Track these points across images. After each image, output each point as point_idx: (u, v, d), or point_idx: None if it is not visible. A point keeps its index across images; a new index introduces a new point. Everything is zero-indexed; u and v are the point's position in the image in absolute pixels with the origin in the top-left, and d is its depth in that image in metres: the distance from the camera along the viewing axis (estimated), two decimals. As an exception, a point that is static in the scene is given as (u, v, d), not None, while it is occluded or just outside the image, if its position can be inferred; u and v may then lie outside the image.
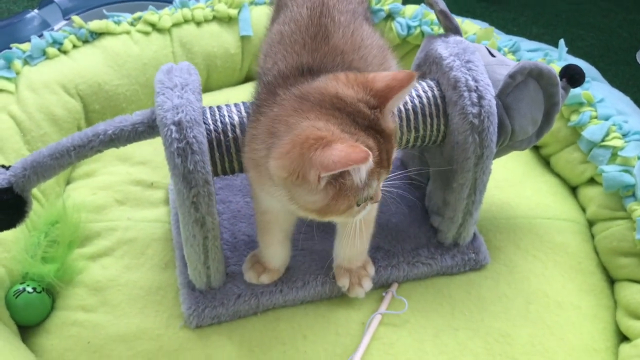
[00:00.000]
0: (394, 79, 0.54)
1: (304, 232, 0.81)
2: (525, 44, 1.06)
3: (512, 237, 0.85)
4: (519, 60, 1.01)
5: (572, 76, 0.78)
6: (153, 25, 1.05)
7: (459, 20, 1.09)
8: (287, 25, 0.65)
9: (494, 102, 0.68)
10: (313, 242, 0.80)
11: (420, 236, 0.82)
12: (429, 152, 0.80)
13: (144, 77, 1.02)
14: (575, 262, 0.83)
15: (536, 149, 1.01)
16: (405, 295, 0.77)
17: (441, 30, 0.80)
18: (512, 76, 0.69)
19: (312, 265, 0.78)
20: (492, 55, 0.75)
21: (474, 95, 0.68)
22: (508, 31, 1.46)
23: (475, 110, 0.67)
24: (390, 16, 1.10)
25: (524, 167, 0.97)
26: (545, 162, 0.99)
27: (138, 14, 1.06)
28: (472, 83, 0.68)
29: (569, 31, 1.48)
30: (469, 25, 1.08)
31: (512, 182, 0.93)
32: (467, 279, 0.80)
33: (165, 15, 1.06)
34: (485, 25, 1.12)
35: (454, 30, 0.76)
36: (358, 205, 0.55)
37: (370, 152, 0.49)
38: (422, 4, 1.14)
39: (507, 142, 0.73)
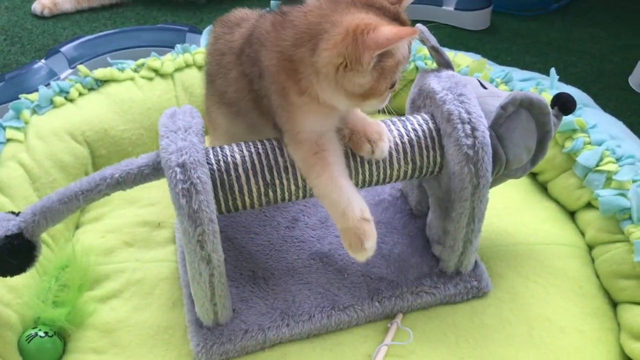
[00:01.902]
0: None
1: (308, 265, 0.83)
2: (517, 73, 1.09)
3: (513, 263, 0.87)
4: (511, 90, 1.03)
5: (564, 104, 0.81)
6: (156, 71, 1.09)
7: (451, 53, 1.13)
8: None
9: (487, 133, 0.70)
10: (318, 274, 0.82)
11: (423, 265, 0.84)
12: (428, 183, 0.82)
13: (149, 121, 1.05)
14: (576, 286, 0.85)
15: (533, 176, 1.03)
16: (410, 325, 0.78)
17: (434, 65, 0.83)
18: (503, 107, 0.72)
19: (317, 298, 0.79)
20: (484, 87, 0.78)
21: (468, 127, 0.70)
22: (501, 61, 1.49)
23: (469, 141, 0.70)
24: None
25: (522, 194, 0.99)
26: (543, 188, 1.01)
27: (141, 60, 1.09)
28: (465, 115, 0.70)
29: (561, 59, 1.51)
30: (461, 58, 1.11)
31: (511, 210, 0.95)
32: (470, 307, 0.81)
33: (168, 61, 1.10)
34: (478, 57, 1.15)
35: (446, 64, 0.78)
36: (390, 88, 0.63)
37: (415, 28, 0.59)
38: (416, 40, 1.17)
39: (503, 170, 0.75)
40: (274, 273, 0.82)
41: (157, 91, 1.07)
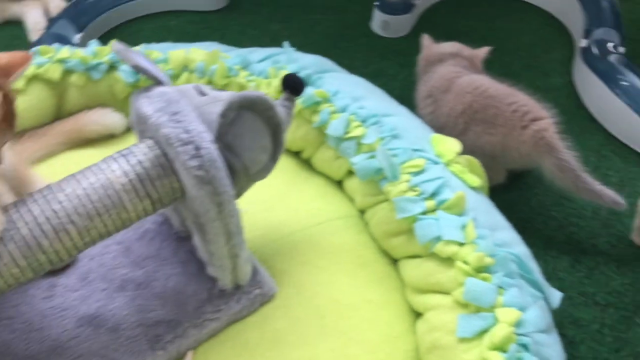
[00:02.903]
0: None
1: (77, 335, 0.74)
2: (255, 55, 1.06)
3: (294, 254, 0.85)
4: (251, 76, 1.00)
5: (292, 86, 0.78)
6: None
7: (182, 50, 1.06)
8: None
9: (213, 148, 0.65)
10: (89, 342, 0.73)
11: (201, 291, 0.79)
12: (177, 208, 0.76)
13: None
14: (355, 256, 0.85)
15: (296, 154, 1.01)
16: (204, 357, 0.74)
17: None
18: (223, 115, 0.67)
19: None
20: (203, 94, 0.73)
21: (190, 147, 0.65)
22: (248, 37, 1.46)
23: (196, 162, 0.64)
24: (112, 67, 1.04)
25: (289, 176, 0.97)
26: (309, 164, 1.01)
27: None
28: (184, 136, 0.65)
29: (306, 19, 1.51)
30: (195, 53, 1.05)
31: (280, 197, 0.93)
32: (260, 316, 0.78)
33: None
34: (213, 45, 1.10)
35: (156, 81, 0.72)
36: None
37: None
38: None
39: (244, 177, 0.71)
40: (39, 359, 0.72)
41: None
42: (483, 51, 1.13)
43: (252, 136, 0.70)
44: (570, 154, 0.95)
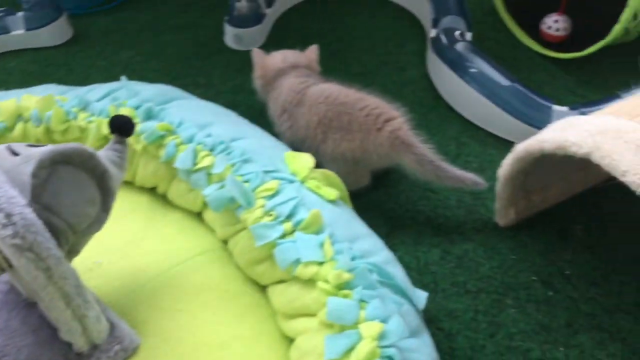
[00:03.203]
0: None
1: None
2: (94, 93, 1.00)
3: (155, 301, 0.81)
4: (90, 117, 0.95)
5: (120, 128, 0.74)
6: None
7: (13, 99, 0.99)
8: None
9: (27, 212, 0.60)
10: None
11: (57, 358, 0.73)
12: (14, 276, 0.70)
13: None
14: (222, 291, 0.82)
15: (152, 190, 0.97)
16: None
17: None
18: (34, 175, 0.62)
19: None
20: (16, 154, 0.67)
21: (1, 216, 0.59)
22: (96, 68, 1.39)
23: (9, 231, 0.59)
24: None
25: (144, 216, 0.93)
26: (165, 199, 0.96)
27: None
28: (-8, 204, 0.59)
29: (157, 42, 1.45)
30: (27, 100, 0.98)
31: (136, 242, 0.88)
32: (125, 374, 0.74)
33: None
34: (50, 88, 1.03)
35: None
36: None
37: None
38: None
39: (72, 235, 0.66)
40: None
41: None
42: (313, 51, 1.13)
43: (74, 191, 0.65)
44: (426, 147, 0.97)
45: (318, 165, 0.88)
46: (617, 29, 1.22)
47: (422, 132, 1.18)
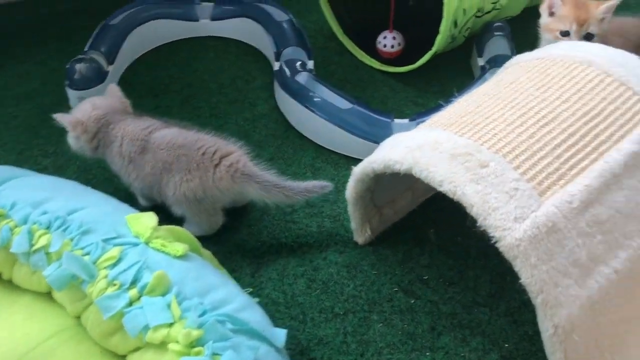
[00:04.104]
0: None
1: None
2: None
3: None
4: None
5: None
6: None
7: None
8: None
9: None
10: None
11: None
12: None
13: None
14: (79, 372, 0.80)
15: (-3, 279, 0.93)
16: None
17: None
18: None
19: None
20: None
21: None
22: None
23: None
24: None
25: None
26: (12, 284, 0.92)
27: None
28: None
29: (5, 112, 1.41)
30: None
31: None
32: None
33: None
34: None
35: None
36: None
37: None
38: None
39: None
40: None
41: None
42: (115, 91, 1.13)
43: None
44: (267, 172, 1.01)
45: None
46: (439, 40, 1.30)
47: (278, 164, 1.22)
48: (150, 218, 0.87)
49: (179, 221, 1.04)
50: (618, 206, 0.79)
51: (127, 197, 1.16)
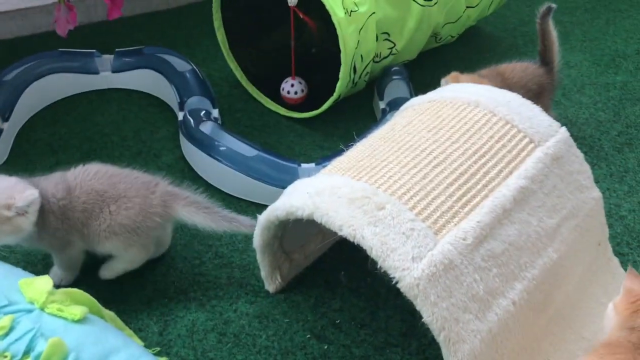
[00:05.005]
0: None
1: None
2: None
3: None
4: None
5: None
6: None
7: None
8: None
9: None
10: None
11: None
12: None
13: None
14: None
15: None
16: None
17: None
18: None
19: None
20: None
21: None
22: None
23: None
24: None
25: None
26: None
27: None
28: None
29: None
30: None
31: None
32: None
33: None
34: None
35: None
36: None
37: None
38: None
39: None
40: None
41: None
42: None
43: None
44: (197, 195, 1.06)
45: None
46: (339, 85, 1.34)
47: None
48: (46, 282, 0.82)
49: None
50: (511, 239, 0.82)
51: (23, 257, 1.11)
